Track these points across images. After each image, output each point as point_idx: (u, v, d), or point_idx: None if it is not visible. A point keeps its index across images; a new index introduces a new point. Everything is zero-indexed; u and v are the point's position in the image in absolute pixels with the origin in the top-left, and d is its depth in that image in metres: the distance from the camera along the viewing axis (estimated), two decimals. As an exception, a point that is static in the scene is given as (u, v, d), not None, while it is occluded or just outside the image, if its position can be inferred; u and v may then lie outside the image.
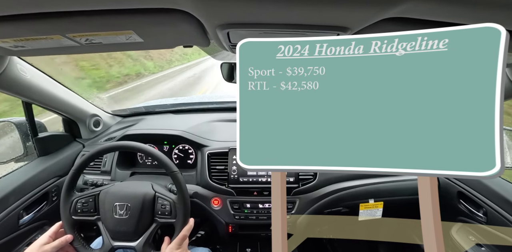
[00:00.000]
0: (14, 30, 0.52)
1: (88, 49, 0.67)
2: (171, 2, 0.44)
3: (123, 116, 1.50)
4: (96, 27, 0.53)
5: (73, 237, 0.79)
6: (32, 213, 1.03)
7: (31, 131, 1.06)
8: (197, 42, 0.65)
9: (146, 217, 0.81)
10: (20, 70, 0.87)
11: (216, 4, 0.43)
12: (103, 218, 0.82)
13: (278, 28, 0.51)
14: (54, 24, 0.50)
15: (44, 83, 1.00)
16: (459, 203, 1.04)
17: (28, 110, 1.03)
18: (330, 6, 0.43)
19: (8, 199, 0.94)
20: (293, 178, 1.05)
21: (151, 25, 0.53)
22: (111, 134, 1.34)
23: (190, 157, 1.23)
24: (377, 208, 1.09)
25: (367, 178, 1.10)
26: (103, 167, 1.17)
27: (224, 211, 1.06)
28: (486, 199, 0.93)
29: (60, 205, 0.83)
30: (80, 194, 0.85)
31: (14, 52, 0.68)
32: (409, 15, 0.45)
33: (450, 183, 1.07)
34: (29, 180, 1.02)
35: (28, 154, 1.10)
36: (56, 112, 1.15)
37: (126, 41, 0.61)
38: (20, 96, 0.95)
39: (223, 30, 0.52)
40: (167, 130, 1.19)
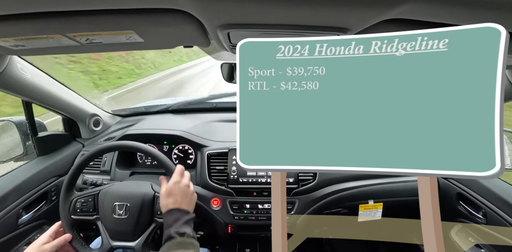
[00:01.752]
0: (14, 29, 0.52)
1: (88, 49, 0.67)
2: (172, 3, 0.44)
3: (123, 116, 1.50)
4: (97, 26, 0.53)
5: (72, 237, 0.79)
6: (31, 213, 1.03)
7: (31, 131, 1.06)
8: (198, 42, 0.65)
9: (146, 217, 0.81)
10: (20, 69, 0.87)
11: (217, 5, 0.43)
12: (102, 217, 0.82)
13: (278, 28, 0.51)
14: (55, 24, 0.51)
15: (44, 82, 1.00)
16: (458, 205, 1.04)
17: (28, 110, 1.03)
18: (330, 7, 0.43)
19: (7, 198, 0.94)
20: (292, 179, 1.05)
21: (152, 25, 0.53)
22: (111, 133, 1.34)
23: (190, 157, 1.23)
24: (377, 209, 1.09)
25: (367, 179, 1.10)
26: (103, 167, 1.17)
27: (224, 211, 1.06)
28: (485, 200, 0.93)
29: (60, 205, 0.83)
30: (80, 193, 0.85)
31: (15, 52, 0.68)
32: (410, 17, 0.45)
33: (450, 185, 1.07)
34: (29, 180, 1.01)
35: (28, 153, 1.10)
36: (56, 111, 1.15)
37: (126, 41, 0.61)
38: (20, 95, 0.95)
39: (223, 31, 0.52)
40: (167, 130, 1.19)
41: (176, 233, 0.66)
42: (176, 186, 0.76)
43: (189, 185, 0.79)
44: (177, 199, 0.73)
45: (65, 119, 1.26)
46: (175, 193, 0.74)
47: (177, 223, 0.68)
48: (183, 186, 0.77)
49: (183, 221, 0.69)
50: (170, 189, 0.75)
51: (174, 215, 0.70)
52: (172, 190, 0.75)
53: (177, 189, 0.75)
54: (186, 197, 0.76)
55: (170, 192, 0.74)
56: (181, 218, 0.70)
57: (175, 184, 0.76)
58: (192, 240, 0.66)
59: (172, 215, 0.70)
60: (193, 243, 0.66)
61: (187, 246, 0.64)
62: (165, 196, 0.74)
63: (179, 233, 0.66)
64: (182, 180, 0.78)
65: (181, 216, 0.71)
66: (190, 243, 0.65)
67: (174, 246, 0.64)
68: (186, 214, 0.72)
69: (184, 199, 0.75)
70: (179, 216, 0.70)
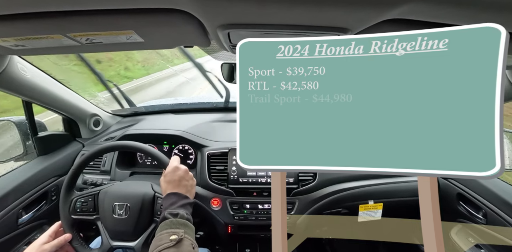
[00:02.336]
0: (15, 29, 0.52)
1: (88, 49, 0.67)
2: (172, 3, 0.44)
3: (123, 116, 1.50)
4: (97, 26, 0.53)
5: (72, 236, 0.79)
6: (31, 213, 1.03)
7: (31, 130, 1.06)
8: (198, 42, 0.66)
9: (145, 217, 0.81)
10: (20, 69, 0.87)
11: (217, 5, 0.43)
12: (102, 217, 0.82)
13: (279, 28, 0.51)
14: (55, 24, 0.51)
15: (45, 82, 1.00)
16: (458, 205, 1.04)
17: (28, 109, 1.03)
18: (330, 7, 0.43)
19: (7, 198, 0.94)
20: (292, 179, 1.05)
21: (152, 25, 0.53)
22: (111, 133, 1.34)
23: (190, 157, 1.23)
24: (377, 209, 1.09)
25: (367, 179, 1.10)
26: (103, 167, 1.17)
27: (224, 211, 1.06)
28: (485, 200, 0.93)
29: (60, 204, 0.83)
30: (80, 193, 0.85)
31: (15, 51, 0.68)
32: (410, 17, 0.45)
33: (450, 185, 1.07)
34: (29, 179, 1.02)
35: (28, 153, 1.10)
36: (56, 111, 1.16)
37: (126, 41, 0.61)
38: (20, 95, 0.95)
39: (223, 31, 0.52)
40: (167, 130, 1.19)
41: (169, 214, 0.66)
42: (176, 172, 0.78)
43: (187, 171, 0.81)
44: (175, 184, 0.75)
45: (65, 119, 1.26)
46: (174, 178, 0.76)
47: (173, 206, 0.70)
48: (181, 172, 0.79)
49: (179, 204, 0.70)
50: (169, 174, 0.77)
51: (171, 199, 0.72)
52: (172, 175, 0.77)
53: (177, 175, 0.77)
54: (185, 182, 0.78)
55: (170, 178, 0.76)
56: (178, 201, 0.71)
57: (174, 170, 0.78)
58: (185, 221, 0.66)
59: (170, 199, 0.72)
60: (185, 224, 0.66)
61: (178, 227, 0.64)
62: (165, 182, 0.76)
63: (172, 214, 0.67)
64: (180, 167, 0.80)
65: (178, 200, 0.72)
66: (183, 223, 0.65)
67: (165, 225, 0.64)
68: (184, 199, 0.73)
69: (183, 184, 0.77)
70: (176, 200, 0.72)
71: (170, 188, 0.75)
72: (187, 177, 0.79)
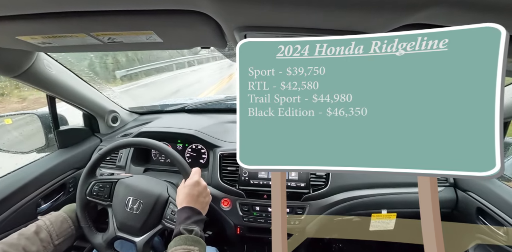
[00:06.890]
0: (42, 27, 0.55)
1: (110, 48, 0.70)
2: (191, 4, 0.44)
3: (140, 114, 1.54)
4: (119, 26, 0.54)
5: (82, 217, 0.83)
6: (50, 202, 1.07)
7: (53, 124, 1.11)
8: (215, 43, 0.66)
9: (155, 217, 0.82)
10: (46, 65, 0.91)
11: (234, 7, 0.43)
12: (114, 207, 0.84)
13: (295, 31, 0.51)
14: (80, 23, 0.53)
15: (68, 79, 1.04)
16: (478, 220, 0.99)
17: (51, 104, 1.07)
18: (351, 11, 0.42)
19: (29, 187, 0.98)
20: (304, 184, 1.03)
21: (171, 26, 0.54)
22: (128, 130, 1.38)
23: (203, 156, 1.24)
24: (390, 219, 1.06)
25: (381, 188, 1.07)
26: (118, 162, 1.20)
27: (233, 212, 1.06)
28: (508, 217, 0.87)
29: (78, 185, 0.86)
30: (99, 178, 0.88)
31: (42, 49, 0.71)
32: (428, 22, 0.44)
33: (469, 198, 1.01)
34: (49, 171, 1.06)
35: (49, 145, 1.15)
36: (78, 106, 1.20)
37: (146, 41, 0.63)
38: (45, 90, 1.00)
39: (240, 33, 0.53)
40: (182, 129, 1.20)
41: (184, 230, 0.67)
42: (196, 187, 0.79)
43: (206, 188, 0.82)
44: (193, 199, 0.76)
45: (85, 114, 1.31)
46: (193, 193, 0.77)
47: (188, 221, 0.70)
48: (201, 188, 0.80)
49: (193, 220, 0.71)
50: (190, 187, 0.78)
51: (186, 213, 0.72)
52: (192, 189, 0.77)
53: (196, 190, 0.78)
54: (202, 199, 0.79)
55: (189, 191, 0.77)
56: (192, 217, 0.72)
57: (195, 184, 0.79)
58: (199, 239, 0.67)
59: (185, 212, 0.72)
60: (199, 241, 0.67)
61: (193, 243, 0.65)
62: (183, 193, 0.77)
63: (187, 230, 0.68)
64: (201, 182, 0.81)
65: (192, 215, 0.72)
66: (197, 240, 0.66)
67: (181, 240, 0.65)
68: (198, 215, 0.74)
69: (200, 201, 0.77)
70: (191, 215, 0.72)
71: (186, 201, 0.75)
72: (204, 194, 0.80)
